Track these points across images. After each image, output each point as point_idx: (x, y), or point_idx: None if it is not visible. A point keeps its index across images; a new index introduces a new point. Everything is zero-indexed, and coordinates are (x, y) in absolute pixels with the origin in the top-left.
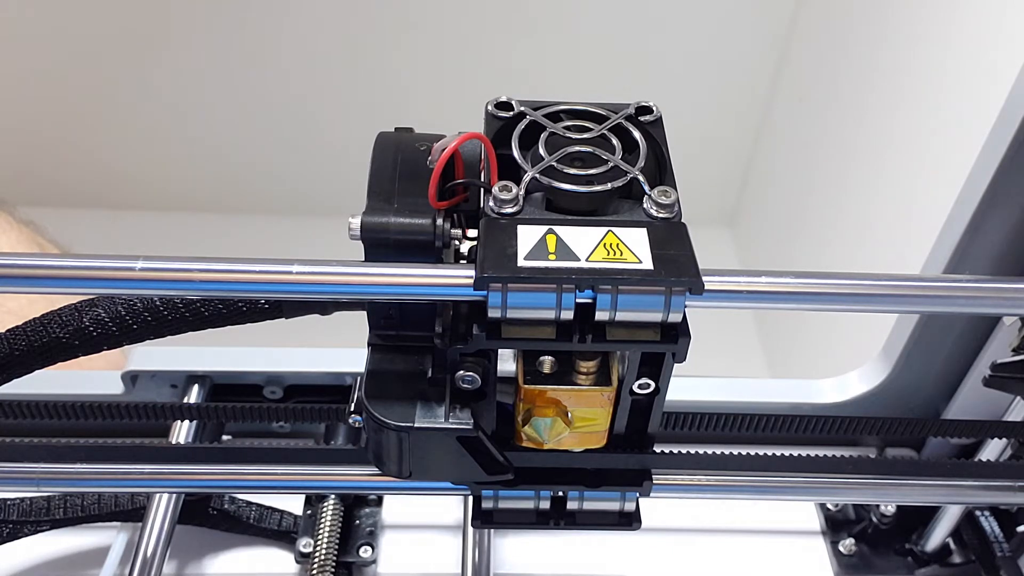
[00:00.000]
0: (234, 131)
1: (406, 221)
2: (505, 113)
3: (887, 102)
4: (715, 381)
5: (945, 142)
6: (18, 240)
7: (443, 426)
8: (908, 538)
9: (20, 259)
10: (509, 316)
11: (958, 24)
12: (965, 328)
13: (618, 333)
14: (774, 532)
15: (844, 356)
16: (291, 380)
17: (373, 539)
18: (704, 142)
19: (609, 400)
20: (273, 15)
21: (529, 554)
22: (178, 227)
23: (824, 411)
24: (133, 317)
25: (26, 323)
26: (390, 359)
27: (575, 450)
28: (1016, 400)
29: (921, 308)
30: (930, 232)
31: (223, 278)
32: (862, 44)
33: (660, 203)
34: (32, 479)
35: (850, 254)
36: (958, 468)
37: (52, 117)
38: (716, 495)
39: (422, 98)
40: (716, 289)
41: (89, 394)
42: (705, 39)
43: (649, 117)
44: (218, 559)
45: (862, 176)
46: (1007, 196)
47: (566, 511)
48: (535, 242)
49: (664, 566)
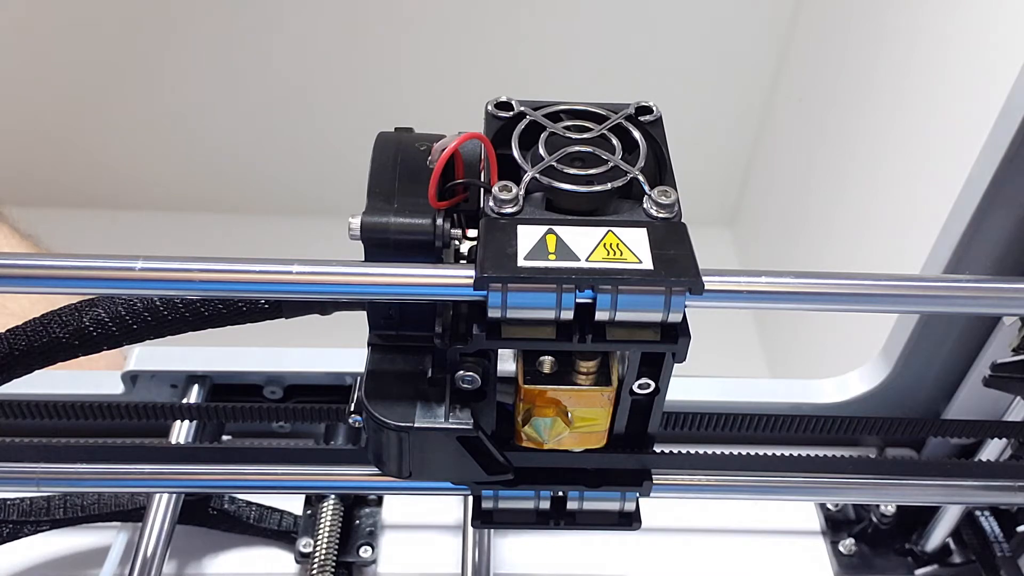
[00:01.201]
0: (234, 131)
1: (406, 221)
2: (505, 113)
3: (887, 102)
4: (715, 381)
5: (945, 142)
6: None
7: (443, 426)
8: (908, 538)
9: (20, 259)
10: (509, 316)
11: (958, 24)
12: (965, 328)
13: (618, 333)
14: (774, 532)
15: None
16: (291, 380)
17: (373, 539)
18: (704, 142)
19: (609, 400)
20: (273, 15)
21: (529, 554)
22: (178, 227)
23: (824, 411)
24: (133, 317)
25: (26, 323)
26: (390, 359)
27: (575, 450)
28: (1016, 400)
29: (921, 308)
30: (930, 232)
31: (223, 278)
32: (862, 44)
33: (660, 203)
34: (32, 479)
35: (850, 254)
36: (958, 468)
37: (52, 117)
38: (716, 495)
39: (422, 98)
40: (716, 289)
41: (89, 394)
42: (705, 39)
43: (649, 117)
44: (218, 559)
45: (862, 176)
46: (1007, 196)
47: (566, 511)
48: (535, 242)
49: (664, 566)
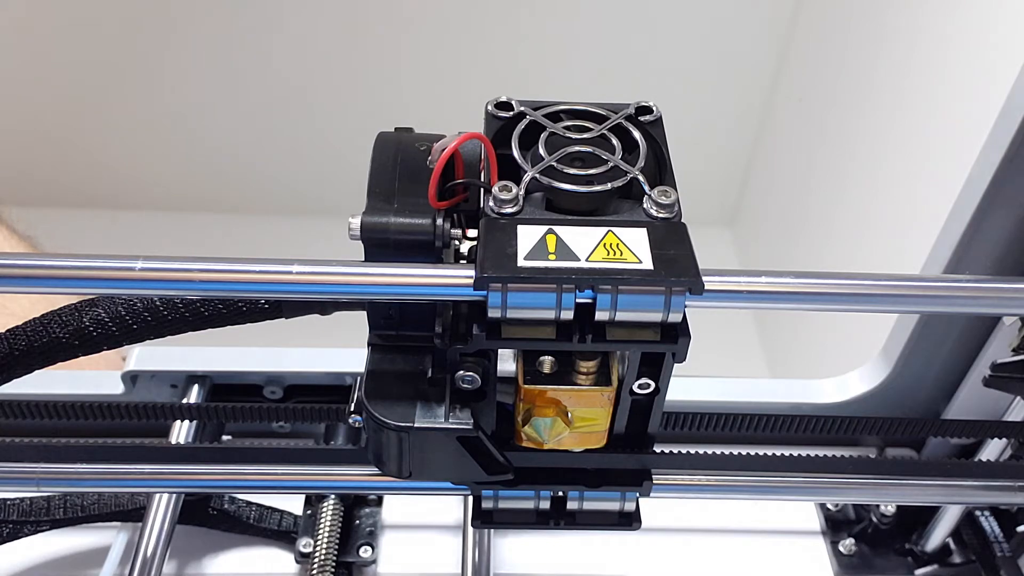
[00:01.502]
0: (234, 131)
1: (406, 221)
2: (505, 113)
3: (887, 102)
4: (715, 381)
5: (945, 142)
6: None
7: (443, 426)
8: (908, 538)
9: (20, 259)
10: (509, 316)
11: (958, 24)
12: (965, 328)
13: (618, 333)
14: (774, 532)
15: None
16: (291, 380)
17: (373, 539)
18: (704, 142)
19: (609, 400)
20: (273, 15)
21: (529, 554)
22: (178, 227)
23: (824, 411)
24: (133, 317)
25: (26, 323)
26: (390, 359)
27: (575, 450)
28: (1016, 400)
29: (921, 308)
30: (930, 232)
31: (223, 278)
32: (862, 44)
33: (660, 203)
34: (32, 479)
35: (850, 254)
36: (958, 468)
37: (52, 117)
38: (716, 495)
39: (422, 98)
40: (716, 289)
41: (89, 394)
42: (705, 39)
43: (649, 117)
44: (218, 559)
45: (862, 176)
46: (1007, 196)
47: (566, 511)
48: (535, 242)
49: (664, 566)
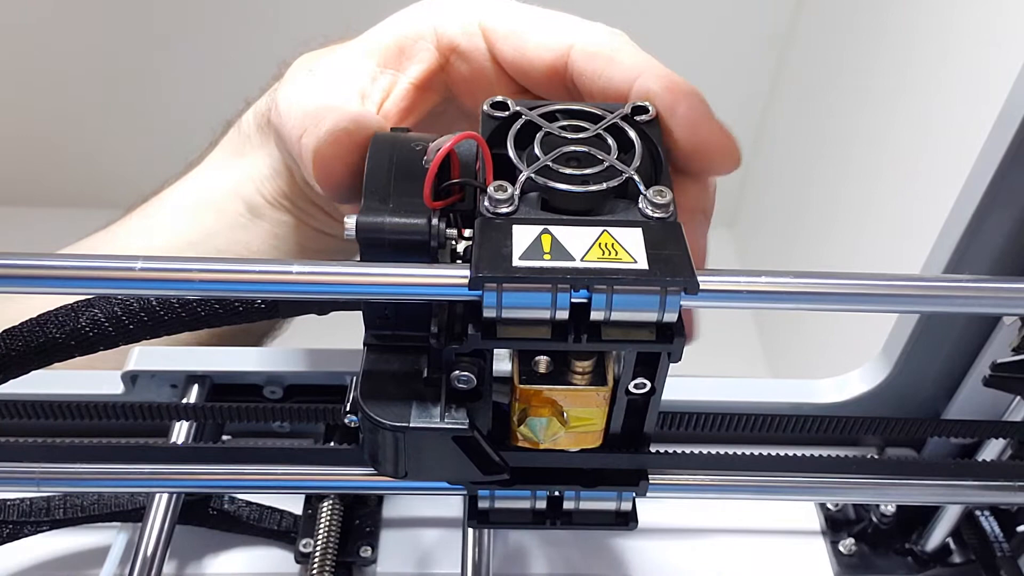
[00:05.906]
0: None
1: (401, 221)
2: (501, 113)
3: (887, 102)
4: (715, 381)
5: (945, 142)
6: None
7: (438, 426)
8: (908, 538)
9: (19, 259)
10: (504, 316)
11: (958, 24)
12: (965, 328)
13: (613, 333)
14: (773, 532)
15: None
16: (291, 380)
17: (373, 539)
18: None
19: (605, 400)
20: (273, 15)
21: (529, 554)
22: None
23: (824, 411)
24: (129, 317)
25: (22, 323)
26: (386, 359)
27: (571, 450)
28: (1016, 400)
29: (921, 308)
30: (930, 232)
31: (223, 278)
32: (862, 44)
33: (655, 203)
34: (32, 479)
35: (850, 254)
36: (958, 468)
37: (52, 117)
38: (714, 495)
39: None
40: (715, 289)
41: (89, 394)
42: (705, 39)
43: (645, 117)
44: (218, 559)
45: (862, 176)
46: (1007, 196)
47: (562, 511)
48: (530, 242)
49: (663, 566)
